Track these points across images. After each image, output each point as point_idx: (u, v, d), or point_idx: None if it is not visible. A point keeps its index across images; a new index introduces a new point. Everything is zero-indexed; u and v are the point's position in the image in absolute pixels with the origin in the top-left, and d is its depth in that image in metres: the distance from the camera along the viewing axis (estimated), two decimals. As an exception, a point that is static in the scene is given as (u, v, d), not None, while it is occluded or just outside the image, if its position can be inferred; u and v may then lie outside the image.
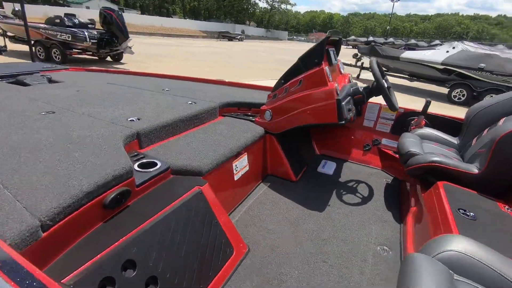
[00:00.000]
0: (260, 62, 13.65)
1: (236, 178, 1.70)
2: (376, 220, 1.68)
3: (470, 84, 7.36)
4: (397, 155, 2.09)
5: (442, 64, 7.77)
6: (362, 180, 2.19)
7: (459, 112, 3.76)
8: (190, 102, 2.07)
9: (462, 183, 1.48)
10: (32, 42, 7.49)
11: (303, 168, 2.27)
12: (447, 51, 8.24)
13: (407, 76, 8.92)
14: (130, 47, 8.95)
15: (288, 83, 1.90)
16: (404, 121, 2.25)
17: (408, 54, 8.71)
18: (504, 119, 1.57)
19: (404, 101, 7.41)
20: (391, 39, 34.60)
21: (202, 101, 2.12)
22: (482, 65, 7.13)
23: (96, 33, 8.37)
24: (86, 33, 8.08)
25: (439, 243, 0.92)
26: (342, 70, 2.21)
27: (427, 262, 0.82)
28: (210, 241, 1.20)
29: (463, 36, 60.28)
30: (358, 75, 10.42)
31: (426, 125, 2.13)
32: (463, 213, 1.24)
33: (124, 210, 1.06)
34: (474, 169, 1.43)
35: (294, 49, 25.82)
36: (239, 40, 34.23)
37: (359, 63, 10.35)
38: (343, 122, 1.66)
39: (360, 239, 1.54)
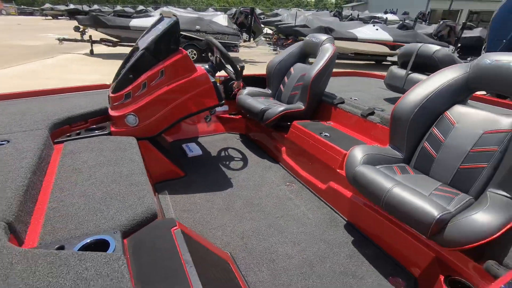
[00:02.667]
0: None
1: None
2: (264, 167, 2.05)
3: (195, 44, 8.83)
4: (237, 116, 2.51)
5: (169, 29, 8.61)
6: (224, 146, 2.39)
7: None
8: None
9: (297, 118, 2.12)
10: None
11: (178, 161, 2.10)
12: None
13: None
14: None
15: (142, 77, 1.56)
16: (226, 87, 2.54)
17: (136, 22, 8.80)
18: (298, 66, 2.39)
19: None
20: (96, 6, 32.14)
21: (17, 134, 1.30)
22: (198, 27, 8.69)
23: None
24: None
25: (355, 156, 1.40)
26: None
27: (369, 168, 1.31)
28: None
29: (157, 1, 66.87)
30: (91, 50, 9.27)
31: (243, 86, 2.55)
32: (324, 135, 1.87)
33: None
34: (301, 106, 2.07)
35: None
36: None
37: (85, 37, 9.12)
38: (223, 101, 1.66)
39: (272, 185, 1.95)
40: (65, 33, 13.93)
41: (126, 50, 9.49)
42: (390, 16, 18.43)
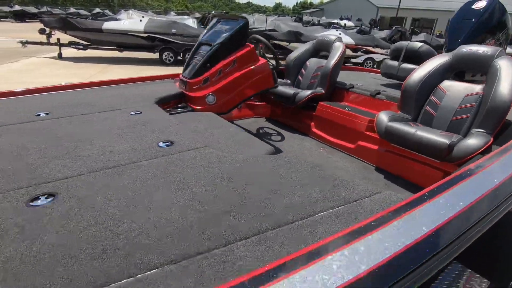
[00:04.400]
0: None
1: None
2: (298, 139, 2.49)
3: (171, 47, 8.94)
4: (263, 102, 3.05)
5: (145, 32, 8.62)
6: (259, 127, 2.81)
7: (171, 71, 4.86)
8: (132, 113, 1.61)
9: (318, 100, 2.66)
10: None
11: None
12: (140, 20, 9.12)
13: (115, 48, 8.98)
14: None
15: (218, 65, 1.98)
16: None
17: (109, 25, 8.65)
18: (312, 60, 2.95)
19: (133, 73, 7.75)
20: (46, 8, 29.93)
21: (142, 108, 1.71)
22: (174, 30, 8.82)
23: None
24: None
25: (383, 118, 1.97)
26: None
27: (395, 123, 1.93)
28: None
29: (111, 4, 63.70)
30: (60, 54, 8.88)
31: None
32: (348, 109, 2.41)
33: None
34: (322, 90, 2.58)
35: None
36: None
37: (52, 40, 8.74)
38: (277, 84, 2.16)
39: (311, 150, 2.48)
40: (17, 36, 12.99)
41: (96, 53, 9.27)
42: (346, 22, 20.00)
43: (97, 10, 27.78)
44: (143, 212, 0.85)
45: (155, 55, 9.22)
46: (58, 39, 8.66)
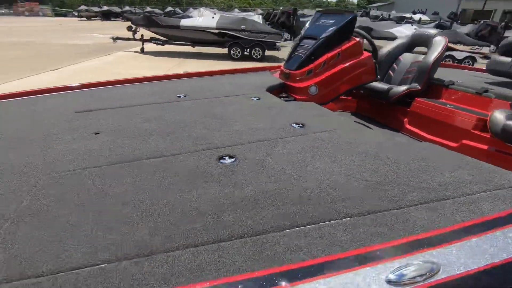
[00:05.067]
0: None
1: None
2: (389, 134, 2.50)
3: (240, 42, 9.33)
4: (348, 97, 3.06)
5: (216, 28, 9.15)
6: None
7: (238, 66, 4.97)
8: (253, 98, 1.82)
9: (413, 96, 2.61)
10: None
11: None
12: (213, 17, 9.69)
13: (189, 43, 9.71)
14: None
15: (323, 58, 2.08)
16: None
17: (185, 22, 9.39)
18: (407, 55, 2.97)
19: (206, 66, 8.29)
20: (127, 8, 33.55)
21: (259, 95, 1.91)
22: (243, 26, 9.18)
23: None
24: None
25: (498, 116, 1.88)
26: None
27: None
28: None
29: (180, 3, 68.53)
30: (142, 48, 9.96)
31: None
32: (450, 106, 2.37)
33: None
34: (417, 86, 2.53)
35: (17, 27, 19.05)
36: None
37: (137, 36, 9.82)
38: (379, 77, 2.22)
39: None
40: (105, 32, 14.86)
41: (172, 48, 10.16)
42: (421, 16, 18.31)
43: (169, 8, 30.14)
44: (313, 175, 0.99)
45: (224, 50, 9.71)
46: (142, 35, 9.70)
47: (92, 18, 30.79)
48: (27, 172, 0.99)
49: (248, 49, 9.32)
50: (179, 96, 1.85)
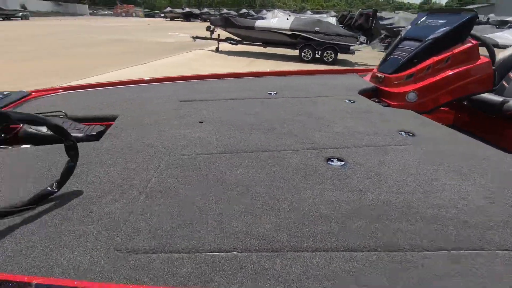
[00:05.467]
0: (90, 46, 10.99)
1: None
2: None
3: (312, 44, 9.15)
4: (445, 107, 2.55)
5: (290, 29, 9.15)
6: None
7: (308, 67, 4.61)
8: (347, 101, 1.78)
9: None
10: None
11: None
12: (287, 19, 9.71)
13: (260, 44, 9.91)
14: None
15: (428, 61, 1.89)
16: None
17: (260, 23, 9.61)
18: None
19: (275, 66, 8.35)
20: (205, 9, 36.04)
21: (352, 97, 1.84)
22: (317, 28, 8.99)
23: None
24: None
25: None
26: None
27: None
28: None
29: (253, 5, 71.08)
30: (217, 47, 10.54)
31: None
32: None
33: None
34: None
35: (116, 26, 22.17)
36: (22, 19, 25.48)
37: (214, 35, 10.43)
38: (496, 88, 1.88)
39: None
40: (185, 32, 16.11)
41: (244, 48, 10.53)
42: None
43: (243, 10, 31.36)
44: (443, 191, 0.89)
45: (294, 52, 9.65)
46: (218, 35, 10.27)
47: (175, 19, 33.94)
48: (150, 152, 1.09)
49: (319, 52, 9.08)
50: (270, 93, 1.86)
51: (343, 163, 1.05)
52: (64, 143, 0.83)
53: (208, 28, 10.57)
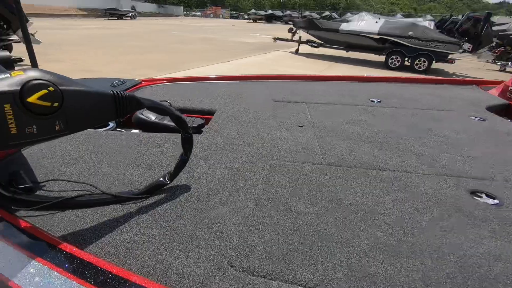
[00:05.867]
0: (187, 43, 12.15)
1: None
2: None
3: (402, 50, 8.33)
4: None
5: (378, 33, 8.51)
6: None
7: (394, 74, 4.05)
8: (473, 118, 1.57)
9: None
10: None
11: None
12: (376, 22, 9.05)
13: (343, 48, 9.47)
14: (33, 34, 6.39)
15: None
16: None
17: (345, 26, 9.19)
18: None
19: (356, 72, 7.87)
20: (288, 12, 36.42)
21: (466, 110, 1.65)
22: (411, 33, 8.13)
23: None
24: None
25: None
26: None
27: None
28: None
29: (336, 8, 68.84)
30: (297, 49, 10.51)
31: None
32: None
33: None
34: None
35: (205, 26, 24.22)
36: (131, 18, 29.83)
37: (295, 37, 10.41)
38: None
39: None
40: (264, 33, 16.46)
41: (324, 51, 10.24)
42: None
43: (326, 13, 30.59)
44: None
45: (377, 58, 8.95)
46: (300, 37, 10.20)
47: (257, 21, 35.15)
48: (252, 152, 1.08)
49: (410, 59, 8.21)
50: (373, 101, 1.72)
51: (497, 201, 0.83)
52: (181, 135, 0.85)
53: (290, 30, 10.60)
